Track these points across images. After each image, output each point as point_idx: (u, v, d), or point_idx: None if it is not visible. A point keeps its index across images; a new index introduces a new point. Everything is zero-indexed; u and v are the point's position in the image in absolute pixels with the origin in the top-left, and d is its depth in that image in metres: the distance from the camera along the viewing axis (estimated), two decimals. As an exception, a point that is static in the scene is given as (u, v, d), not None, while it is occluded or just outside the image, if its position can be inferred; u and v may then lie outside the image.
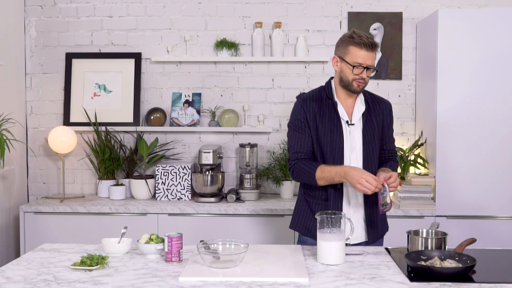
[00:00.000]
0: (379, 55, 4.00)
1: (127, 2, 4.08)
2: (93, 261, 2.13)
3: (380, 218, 2.57)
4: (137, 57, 4.07)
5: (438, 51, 3.48)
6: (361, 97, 2.55)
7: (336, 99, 2.52)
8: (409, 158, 3.73)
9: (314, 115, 2.50)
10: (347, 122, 2.50)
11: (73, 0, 4.09)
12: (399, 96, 4.04)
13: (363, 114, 2.52)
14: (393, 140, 2.67)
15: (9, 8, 3.90)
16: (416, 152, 3.81)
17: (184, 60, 4.02)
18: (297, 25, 4.04)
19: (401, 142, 4.02)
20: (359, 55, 2.40)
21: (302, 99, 2.55)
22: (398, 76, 4.02)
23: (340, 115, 2.50)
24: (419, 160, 3.73)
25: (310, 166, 2.46)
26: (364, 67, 2.41)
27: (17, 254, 3.84)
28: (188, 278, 2.01)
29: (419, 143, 3.78)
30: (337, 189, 2.49)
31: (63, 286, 1.94)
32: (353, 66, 2.41)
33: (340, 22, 4.03)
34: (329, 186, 2.49)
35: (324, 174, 2.42)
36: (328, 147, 2.47)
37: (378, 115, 2.56)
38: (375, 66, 2.48)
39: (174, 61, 4.06)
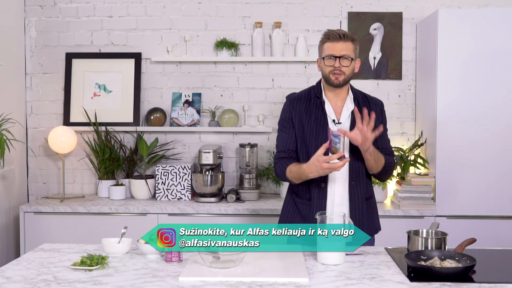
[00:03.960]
0: (379, 55, 4.00)
1: (127, 2, 4.08)
2: (93, 261, 2.13)
3: (367, 216, 2.56)
4: (137, 57, 4.07)
5: (438, 51, 3.48)
6: (350, 96, 2.56)
7: (324, 98, 2.54)
8: (409, 158, 3.73)
9: (300, 115, 2.54)
10: (333, 120, 2.50)
11: (73, 0, 4.09)
12: (399, 96, 4.04)
13: (352, 113, 2.52)
14: (388, 140, 2.64)
15: (9, 8, 3.90)
16: (416, 152, 3.81)
17: (184, 60, 4.02)
18: (297, 25, 4.04)
19: (401, 142, 4.02)
20: (329, 46, 2.47)
21: (290, 99, 2.62)
22: (398, 76, 4.02)
23: (328, 114, 2.52)
24: (419, 160, 3.73)
25: (283, 166, 2.52)
26: (336, 57, 2.44)
27: (17, 254, 3.84)
28: (188, 278, 2.01)
29: (419, 143, 3.78)
30: (321, 188, 2.50)
31: (63, 286, 1.94)
32: (323, 58, 2.47)
33: (340, 22, 4.03)
34: (312, 186, 2.51)
35: (292, 174, 2.48)
36: (313, 146, 2.47)
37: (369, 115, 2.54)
38: (354, 57, 2.47)
39: (174, 61, 4.06)
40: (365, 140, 2.37)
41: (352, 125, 2.50)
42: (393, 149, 2.77)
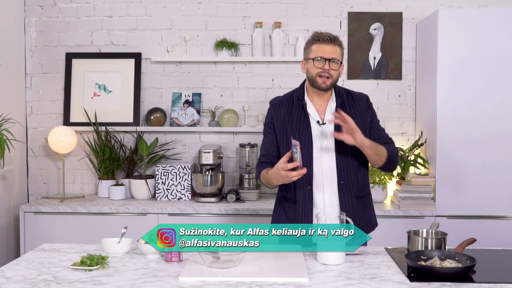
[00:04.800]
0: (379, 55, 4.00)
1: (127, 2, 4.08)
2: (93, 261, 2.13)
3: (360, 215, 2.53)
4: (137, 57, 4.07)
5: (438, 51, 3.48)
6: (333, 95, 2.55)
7: (306, 99, 2.53)
8: (409, 158, 3.73)
9: (282, 119, 2.55)
10: (317, 122, 2.50)
11: (73, 0, 4.09)
12: (399, 96, 4.04)
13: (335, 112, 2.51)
14: (382, 129, 2.62)
15: (9, 8, 3.90)
16: (416, 152, 3.81)
17: (184, 60, 4.02)
18: (297, 25, 4.04)
19: (401, 142, 4.02)
20: (318, 49, 2.45)
21: (272, 103, 2.63)
22: (398, 76, 4.02)
23: (311, 115, 2.51)
24: (419, 160, 3.73)
25: (258, 171, 2.59)
26: (326, 59, 2.43)
27: (17, 254, 3.84)
28: (188, 278, 2.01)
29: (419, 143, 3.78)
30: (306, 190, 2.49)
31: (63, 286, 1.94)
32: (313, 59, 2.44)
33: (340, 22, 4.03)
34: (298, 189, 2.50)
35: (263, 179, 2.55)
36: None
37: (354, 111, 2.53)
38: (341, 61, 2.47)
39: (174, 61, 4.06)
40: (353, 132, 2.34)
41: (337, 125, 2.48)
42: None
